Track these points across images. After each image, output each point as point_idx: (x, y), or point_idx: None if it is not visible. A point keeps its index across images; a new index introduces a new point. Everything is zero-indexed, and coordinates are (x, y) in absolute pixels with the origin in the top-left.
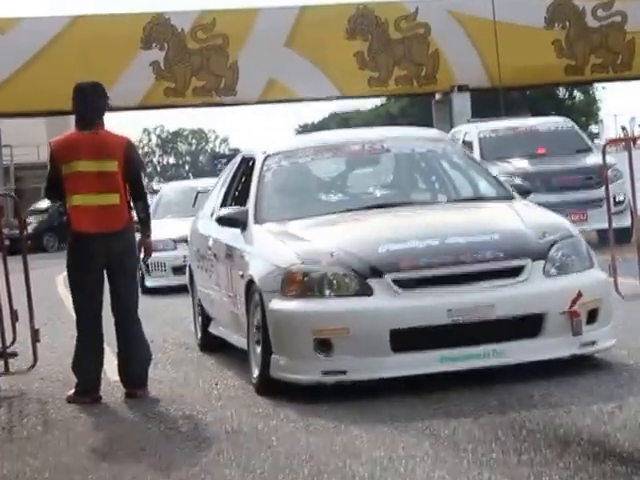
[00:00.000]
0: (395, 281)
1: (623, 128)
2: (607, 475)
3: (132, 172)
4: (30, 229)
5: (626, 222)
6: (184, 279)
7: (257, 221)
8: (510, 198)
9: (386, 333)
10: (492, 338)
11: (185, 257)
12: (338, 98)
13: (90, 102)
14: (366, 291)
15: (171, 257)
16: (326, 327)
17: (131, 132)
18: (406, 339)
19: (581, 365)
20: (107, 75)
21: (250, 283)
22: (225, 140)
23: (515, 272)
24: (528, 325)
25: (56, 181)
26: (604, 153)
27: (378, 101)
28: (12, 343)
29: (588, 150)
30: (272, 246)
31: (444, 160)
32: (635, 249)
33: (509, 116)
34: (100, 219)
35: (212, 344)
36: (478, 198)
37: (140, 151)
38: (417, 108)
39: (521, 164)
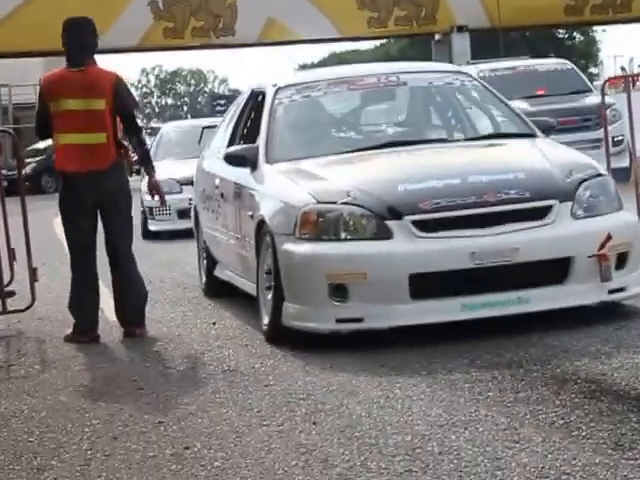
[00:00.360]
0: (415, 223)
1: (622, 68)
2: (603, 412)
3: (121, 106)
4: (29, 169)
5: (625, 162)
6: (190, 223)
7: (268, 160)
8: (532, 135)
9: (405, 278)
10: (516, 284)
11: (191, 200)
12: (337, 40)
13: (79, 38)
14: (384, 234)
15: (176, 200)
16: (342, 272)
17: (129, 73)
18: (426, 284)
19: (580, 307)
20: (106, 15)
21: (261, 224)
22: (224, 81)
23: (541, 213)
24: (554, 270)
25: (45, 118)
26: (603, 91)
27: (377, 42)
28: (10, 282)
29: (587, 91)
30: (284, 185)
31: (462, 94)
32: (633, 189)
33: (509, 57)
34: (85, 158)
35: (217, 288)
36: (499, 135)
37: (138, 92)
38: (416, 49)
39: (521, 105)
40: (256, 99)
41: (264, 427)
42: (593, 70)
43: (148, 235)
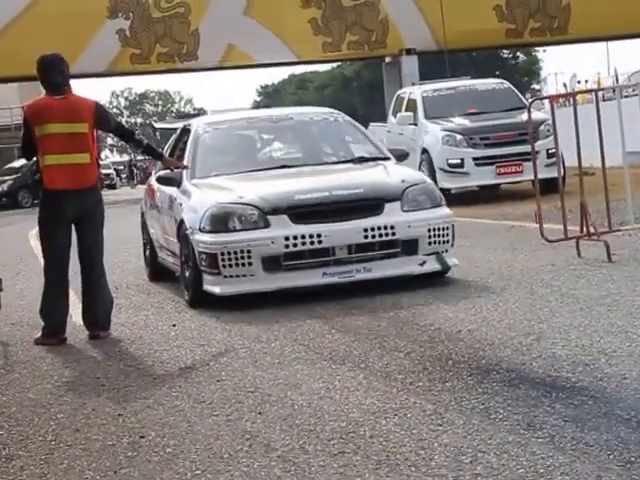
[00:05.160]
0: None
1: (564, 85)
2: (520, 398)
3: (109, 124)
4: (5, 187)
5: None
6: (288, 280)
7: None
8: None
9: None
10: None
11: (291, 239)
12: (294, 64)
13: (56, 70)
14: None
15: (261, 241)
16: None
17: (100, 95)
18: None
19: (507, 302)
20: (77, 43)
21: None
22: (190, 101)
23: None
24: None
25: (29, 141)
26: (529, 110)
27: (334, 64)
28: None
29: (523, 107)
30: None
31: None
32: (568, 198)
33: (454, 77)
34: (72, 176)
35: None
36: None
37: None
38: (370, 70)
39: (461, 121)
40: None
41: (214, 417)
42: (536, 86)
43: (201, 300)
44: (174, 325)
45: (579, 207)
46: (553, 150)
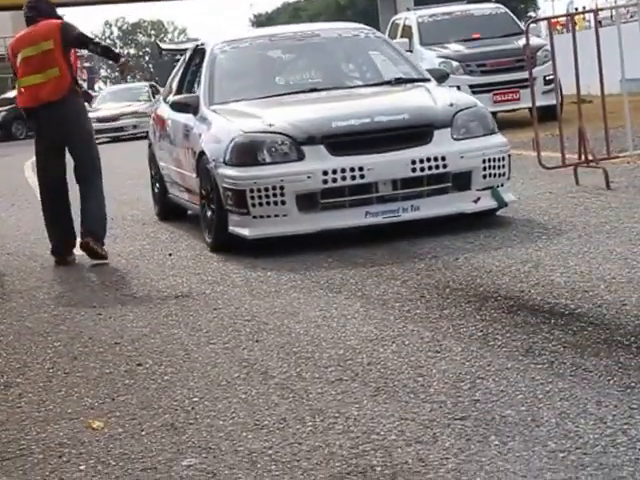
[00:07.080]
0: None
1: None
2: (518, 325)
3: (70, 36)
4: None
5: (554, 100)
6: (326, 221)
7: None
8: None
9: None
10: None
11: (329, 173)
12: None
13: (31, 6)
14: None
15: (296, 174)
16: None
17: (92, 25)
18: None
19: (504, 230)
20: None
21: None
22: (183, 31)
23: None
24: None
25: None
26: (527, 34)
27: None
28: None
29: (520, 33)
30: None
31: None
32: (566, 126)
33: (449, 2)
34: (39, 93)
35: None
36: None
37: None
38: None
39: (458, 47)
40: None
41: (211, 345)
42: (532, 14)
43: (225, 244)
44: (170, 254)
45: (577, 134)
46: (551, 77)
